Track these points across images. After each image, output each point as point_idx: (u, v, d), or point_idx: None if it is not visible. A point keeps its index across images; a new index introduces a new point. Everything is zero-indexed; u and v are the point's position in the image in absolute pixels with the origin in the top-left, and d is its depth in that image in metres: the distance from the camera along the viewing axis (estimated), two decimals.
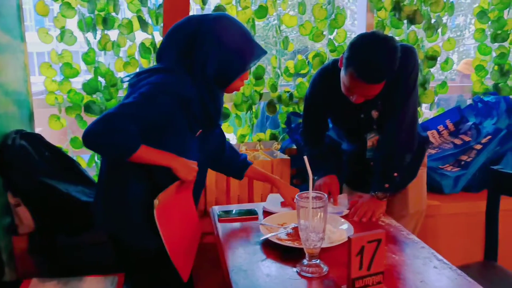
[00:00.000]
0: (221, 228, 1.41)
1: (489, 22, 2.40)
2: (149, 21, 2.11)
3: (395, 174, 1.54)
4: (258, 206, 1.59)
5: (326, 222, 1.09)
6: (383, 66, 1.39)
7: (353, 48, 1.43)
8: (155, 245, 1.20)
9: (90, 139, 1.15)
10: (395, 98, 1.54)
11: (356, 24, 2.47)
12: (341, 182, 1.86)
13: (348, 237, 0.96)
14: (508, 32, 2.40)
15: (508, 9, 2.38)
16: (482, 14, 2.39)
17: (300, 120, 2.25)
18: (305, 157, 1.15)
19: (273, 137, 2.32)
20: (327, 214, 1.08)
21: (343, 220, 1.38)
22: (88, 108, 2.08)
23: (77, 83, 2.15)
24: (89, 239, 1.78)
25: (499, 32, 2.39)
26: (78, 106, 2.09)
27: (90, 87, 2.08)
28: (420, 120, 2.40)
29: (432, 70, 2.36)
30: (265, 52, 1.35)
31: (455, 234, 2.13)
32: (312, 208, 1.06)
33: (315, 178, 1.68)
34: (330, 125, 1.82)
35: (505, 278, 1.62)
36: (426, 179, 1.86)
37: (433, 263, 1.17)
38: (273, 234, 1.27)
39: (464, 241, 2.11)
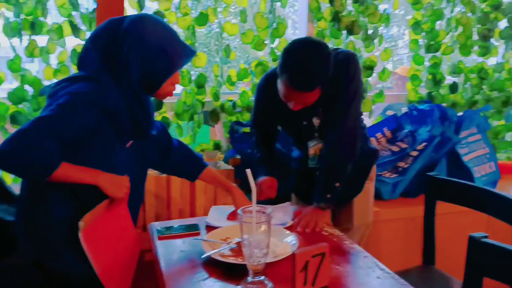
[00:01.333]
0: (161, 246, 1.34)
1: (423, 33, 2.52)
2: (82, 26, 1.99)
3: (337, 184, 1.53)
4: (201, 220, 1.53)
5: (270, 236, 1.06)
6: (314, 74, 1.39)
7: (285, 55, 1.42)
8: (84, 270, 1.10)
9: (1, 160, 1.03)
10: (336, 106, 1.53)
11: (297, 33, 2.50)
12: (289, 191, 1.86)
13: (293, 253, 0.94)
14: (440, 43, 2.53)
15: (440, 20, 2.51)
16: (416, 26, 2.50)
17: (244, 129, 2.22)
18: (248, 170, 1.11)
19: (217, 147, 2.27)
20: (271, 228, 1.05)
21: (287, 232, 1.36)
22: (14, 119, 1.92)
23: (1, 91, 1.98)
24: (13, 262, 1.63)
25: (432, 42, 2.52)
26: (3, 117, 1.92)
27: (16, 97, 1.92)
28: None
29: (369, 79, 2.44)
30: (194, 52, 1.29)
31: (395, 239, 2.19)
32: (256, 223, 1.02)
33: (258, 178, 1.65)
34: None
35: (443, 282, 1.67)
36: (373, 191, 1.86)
37: (376, 273, 1.17)
38: (215, 250, 1.22)
39: (404, 246, 2.18)
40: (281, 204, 1.65)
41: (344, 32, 2.32)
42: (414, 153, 2.28)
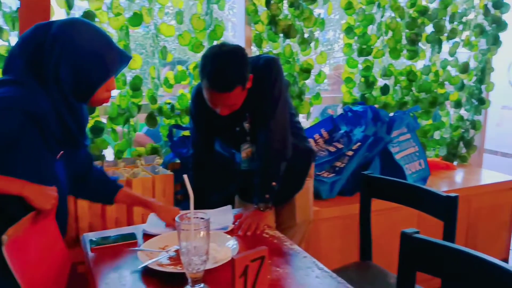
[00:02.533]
0: (94, 258, 1.27)
1: (356, 37, 2.61)
2: (5, 26, 1.85)
3: (273, 183, 1.57)
4: (139, 229, 1.47)
5: (210, 242, 1.04)
6: (229, 73, 1.44)
7: (202, 60, 1.48)
8: (9, 286, 1.02)
9: None
10: (263, 109, 1.58)
11: (237, 36, 2.49)
12: (233, 193, 1.87)
13: (232, 258, 0.92)
14: (372, 47, 2.64)
15: (371, 25, 2.62)
16: (349, 30, 2.59)
17: (184, 133, 2.18)
18: (185, 176, 1.09)
19: (155, 151, 2.20)
20: (210, 235, 1.03)
21: (228, 236, 1.35)
22: None
23: None
24: None
25: (364, 46, 2.62)
26: None
27: None
28: None
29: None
30: (129, 58, 1.25)
31: (335, 237, 2.25)
32: (194, 230, 1.00)
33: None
34: None
35: (380, 276, 1.74)
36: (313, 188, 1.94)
37: (315, 273, 1.19)
38: (153, 260, 1.18)
39: (343, 243, 2.24)
40: (221, 207, 1.64)
41: (281, 35, 2.35)
42: (350, 153, 2.36)
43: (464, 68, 3.00)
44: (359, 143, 2.38)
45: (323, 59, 2.49)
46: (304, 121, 2.74)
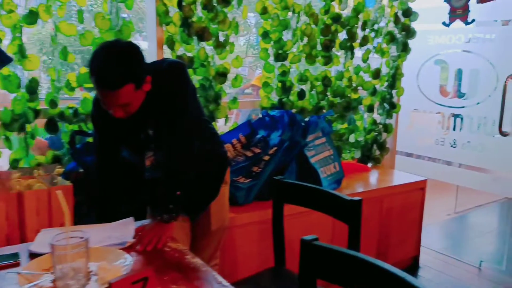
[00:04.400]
0: None
1: (272, 42, 2.62)
2: None
3: (178, 193, 1.49)
4: (26, 247, 1.33)
5: (88, 263, 0.95)
6: (116, 70, 1.34)
7: (91, 55, 1.38)
8: None
9: None
10: (168, 115, 1.50)
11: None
12: (145, 203, 1.77)
13: (109, 283, 0.84)
14: (288, 52, 2.65)
15: (287, 31, 2.64)
16: (265, 35, 2.59)
17: (89, 139, 2.04)
18: (59, 192, 0.99)
19: (57, 160, 2.03)
20: (89, 256, 0.93)
21: (122, 252, 1.25)
22: None
23: None
24: None
25: (280, 51, 2.63)
26: None
27: None
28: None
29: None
30: (9, 59, 1.12)
31: (251, 243, 2.22)
32: (70, 251, 0.90)
33: None
34: None
35: (291, 282, 1.73)
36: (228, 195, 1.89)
37: None
38: (32, 284, 1.06)
39: (259, 249, 2.22)
40: (123, 220, 1.53)
41: (196, 38, 2.29)
42: (266, 158, 2.35)
43: (376, 74, 3.13)
44: (275, 148, 2.38)
45: (238, 63, 2.46)
46: (222, 126, 2.70)
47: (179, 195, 1.49)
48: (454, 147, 3.21)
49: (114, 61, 1.34)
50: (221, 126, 2.74)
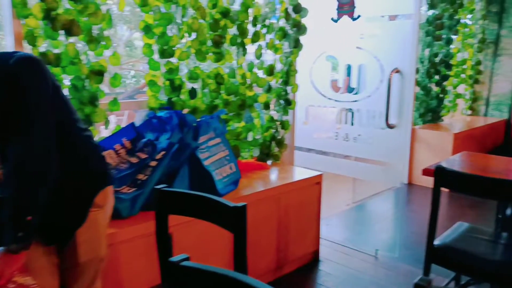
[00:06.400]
0: None
1: (156, 37, 2.43)
2: None
3: (29, 218, 1.24)
4: None
5: None
6: None
7: None
8: None
9: None
10: (15, 118, 1.26)
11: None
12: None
13: None
14: (174, 48, 2.48)
15: (172, 25, 2.46)
16: (147, 29, 2.39)
17: None
18: None
19: None
20: None
21: None
22: None
23: None
24: None
25: (165, 47, 2.45)
26: None
27: None
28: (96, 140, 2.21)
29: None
30: None
31: (139, 259, 2.02)
32: None
33: None
34: None
35: None
36: (107, 220, 1.64)
37: None
38: None
39: (147, 264, 2.03)
40: None
41: (63, 32, 2.02)
42: (153, 163, 2.16)
43: (270, 71, 3.09)
44: (163, 152, 2.20)
45: (116, 60, 2.23)
46: (103, 130, 2.45)
47: (30, 220, 1.24)
48: (347, 140, 3.30)
49: None
50: (102, 131, 2.49)
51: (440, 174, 1.97)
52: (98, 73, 2.15)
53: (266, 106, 3.15)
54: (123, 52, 9.77)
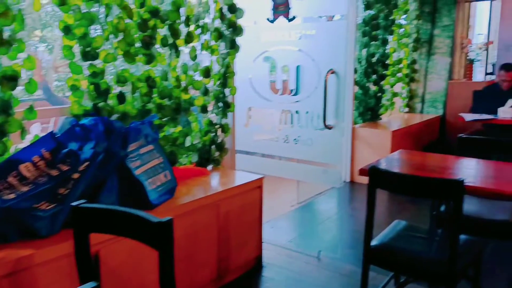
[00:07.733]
0: None
1: (77, 39, 2.25)
2: None
3: None
4: None
5: None
6: None
7: None
8: None
9: None
10: None
11: None
12: None
13: None
14: (98, 50, 2.31)
15: (95, 25, 2.29)
16: (67, 30, 2.21)
17: None
18: None
19: None
20: None
21: None
22: None
23: None
24: None
25: (88, 49, 2.27)
26: None
27: None
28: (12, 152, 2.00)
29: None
30: None
31: (63, 280, 1.85)
32: None
33: None
34: None
35: None
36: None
37: None
38: None
39: (73, 286, 1.86)
40: None
41: None
42: (76, 175, 1.99)
43: (207, 73, 2.99)
44: (87, 163, 2.03)
45: (32, 64, 2.03)
46: (19, 142, 2.24)
47: None
48: (287, 142, 3.26)
49: None
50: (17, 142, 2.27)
51: (374, 175, 1.96)
52: (11, 79, 1.94)
53: (204, 109, 3.04)
54: (59, 54, 9.26)
